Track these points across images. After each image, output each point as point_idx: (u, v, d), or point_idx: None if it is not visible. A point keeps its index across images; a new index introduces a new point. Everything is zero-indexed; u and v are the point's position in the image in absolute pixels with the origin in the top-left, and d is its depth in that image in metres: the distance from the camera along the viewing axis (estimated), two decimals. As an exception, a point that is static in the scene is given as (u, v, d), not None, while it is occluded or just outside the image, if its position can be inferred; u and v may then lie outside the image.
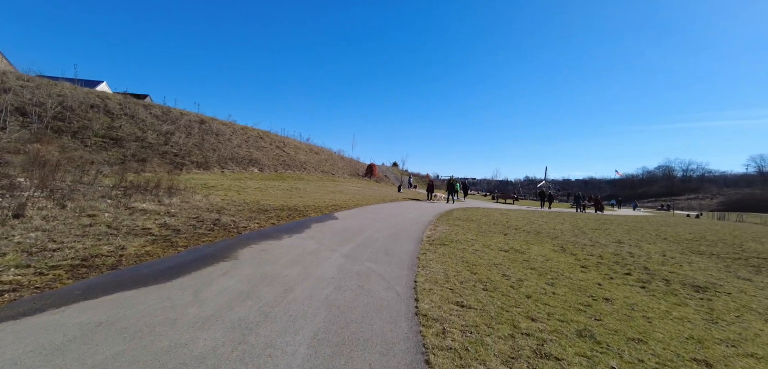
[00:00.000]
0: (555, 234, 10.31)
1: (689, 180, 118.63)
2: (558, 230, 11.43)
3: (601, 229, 13.27)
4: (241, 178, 17.30)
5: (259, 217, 7.91)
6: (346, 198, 15.83)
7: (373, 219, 9.67)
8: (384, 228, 8.04)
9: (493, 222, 12.15)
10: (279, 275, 3.81)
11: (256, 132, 27.07)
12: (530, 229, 11.05)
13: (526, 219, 14.72)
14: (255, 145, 24.27)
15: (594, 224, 15.21)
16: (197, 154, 18.02)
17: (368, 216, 10.29)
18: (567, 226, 13.27)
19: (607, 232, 12.38)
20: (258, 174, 19.76)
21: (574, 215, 20.67)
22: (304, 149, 30.53)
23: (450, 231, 8.60)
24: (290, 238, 5.93)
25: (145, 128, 17.25)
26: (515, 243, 7.73)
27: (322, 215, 9.68)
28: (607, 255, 7.44)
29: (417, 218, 10.88)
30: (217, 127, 22.73)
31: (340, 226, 7.72)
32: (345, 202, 14.14)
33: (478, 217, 13.31)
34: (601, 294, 4.22)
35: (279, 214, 8.83)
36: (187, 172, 15.47)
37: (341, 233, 6.81)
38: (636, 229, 14.46)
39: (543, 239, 8.85)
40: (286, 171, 23.10)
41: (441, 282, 4.01)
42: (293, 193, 15.07)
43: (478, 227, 10.16)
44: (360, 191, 21.21)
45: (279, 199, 12.29)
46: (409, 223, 9.57)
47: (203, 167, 16.99)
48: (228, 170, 18.27)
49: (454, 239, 7.28)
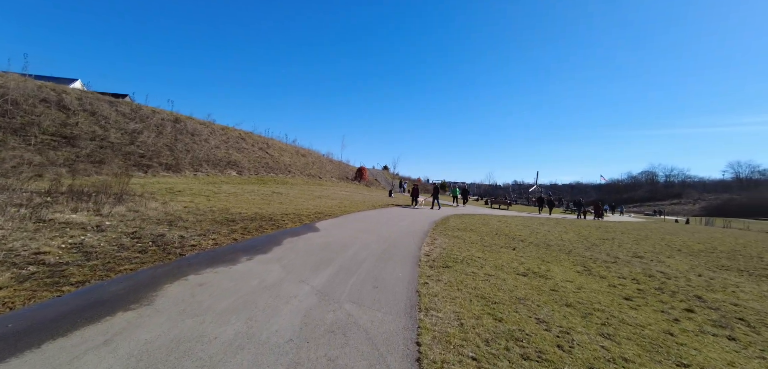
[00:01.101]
0: (566, 247, 9.15)
1: (672, 185, 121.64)
2: (567, 241, 10.30)
3: (608, 239, 12.25)
4: (216, 182, 15.65)
5: (220, 231, 6.43)
6: (331, 204, 14.40)
7: (361, 230, 8.30)
8: (373, 242, 6.67)
9: (494, 232, 10.94)
10: (202, 339, 2.40)
11: (238, 133, 25.34)
12: (537, 240, 9.87)
13: (527, 227, 13.59)
14: (235, 147, 22.57)
15: (598, 233, 14.22)
16: (167, 155, 16.27)
17: (355, 226, 8.91)
18: (572, 236, 12.18)
19: (618, 243, 11.33)
20: (236, 177, 18.11)
21: (574, 222, 19.76)
22: (289, 151, 28.91)
23: (451, 245, 7.30)
24: (249, 263, 4.50)
25: (108, 126, 15.42)
26: (530, 261, 6.48)
27: (301, 226, 8.24)
28: (640, 276, 6.27)
29: (411, 228, 9.57)
30: (193, 127, 20.96)
31: (320, 242, 6.31)
32: (330, 208, 12.71)
33: (476, 226, 12.09)
34: (690, 358, 2.94)
35: (247, 225, 7.35)
36: (152, 174, 13.75)
37: (319, 252, 5.41)
38: (643, 239, 13.52)
39: (557, 255, 7.65)
40: (269, 174, 21.48)
41: (456, 342, 2.67)
42: (272, 198, 13.55)
43: (480, 239, 8.90)
44: (348, 196, 19.78)
45: (254, 205, 10.78)
46: (402, 234, 8.24)
47: (173, 170, 15.27)
48: (202, 173, 16.58)
49: (458, 258, 5.97)
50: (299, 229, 7.78)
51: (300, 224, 8.51)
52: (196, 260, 4.37)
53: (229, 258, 4.63)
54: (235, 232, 6.52)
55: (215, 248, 5.17)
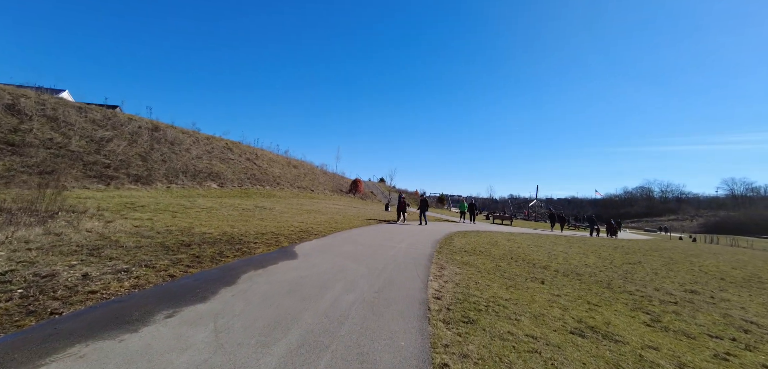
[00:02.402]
0: (598, 276, 7.61)
1: (667, 201, 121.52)
2: (594, 268, 8.78)
3: (635, 263, 10.75)
4: (191, 196, 13.97)
5: (159, 262, 4.79)
6: (321, 220, 12.78)
7: (349, 255, 6.69)
8: (363, 278, 5.07)
9: (508, 254, 9.38)
10: None
11: (224, 142, 23.78)
12: (561, 267, 8.33)
13: (541, 247, 12.06)
14: (220, 157, 20.96)
15: (620, 255, 12.72)
16: (139, 165, 14.61)
17: (343, 249, 7.30)
18: (595, 260, 10.67)
19: (652, 269, 9.82)
20: (216, 190, 16.43)
21: (587, 240, 18.28)
22: (279, 162, 27.33)
23: (464, 278, 5.72)
24: (160, 328, 2.86)
25: (71, 134, 13.79)
26: (573, 304, 4.91)
27: (276, 250, 6.62)
28: (726, 329, 4.73)
29: (411, 251, 7.97)
30: (173, 136, 19.37)
31: (291, 278, 4.69)
32: (318, 225, 11.09)
33: (485, 246, 10.53)
34: None
35: (203, 251, 5.71)
36: (116, 187, 12.06)
37: (283, 299, 3.80)
38: (671, 262, 12.04)
39: (600, 292, 6.10)
40: (255, 186, 19.82)
41: None
42: (253, 214, 11.89)
43: (496, 266, 7.34)
44: (341, 210, 18.16)
45: (227, 223, 9.14)
46: (401, 262, 6.63)
47: (143, 182, 13.59)
48: (177, 185, 14.90)
49: (479, 302, 4.39)
50: (271, 255, 6.15)
51: (275, 248, 6.88)
52: (71, 325, 2.73)
53: (134, 316, 2.99)
54: (180, 263, 4.87)
55: (130, 293, 3.53)
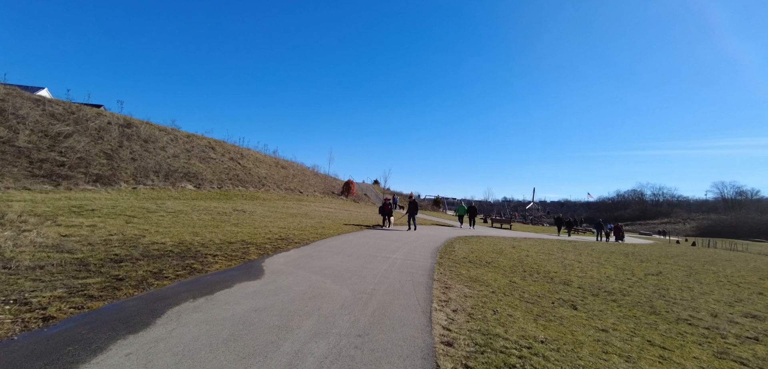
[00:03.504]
0: (632, 294, 6.42)
1: (659, 204, 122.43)
2: (620, 283, 7.61)
3: (656, 273, 9.63)
4: (160, 198, 12.47)
5: (42, 295, 3.39)
6: (306, 224, 11.41)
7: (331, 272, 5.35)
8: (343, 309, 3.75)
9: (520, 266, 8.15)
10: None
11: (206, 141, 22.22)
12: (584, 282, 7.12)
13: (552, 257, 10.87)
14: (200, 156, 19.42)
15: (638, 264, 11.62)
16: (103, 164, 13.06)
17: (325, 262, 5.95)
18: (612, 270, 9.51)
19: (683, 283, 8.67)
20: (191, 192, 14.92)
21: (596, 246, 17.21)
22: (267, 163, 25.82)
23: (478, 304, 4.44)
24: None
25: (20, 127, 12.19)
26: (633, 348, 3.66)
27: (236, 267, 5.25)
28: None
29: (407, 263, 6.66)
30: (147, 133, 17.79)
31: (241, 312, 3.34)
32: (302, 231, 9.72)
33: (492, 256, 9.29)
34: None
35: (130, 273, 4.31)
36: (67, 188, 10.52)
37: (212, 356, 2.46)
38: (693, 271, 10.95)
39: (647, 318, 4.87)
40: (237, 188, 18.32)
41: None
42: (228, 218, 10.48)
43: (510, 283, 6.08)
44: (331, 213, 16.78)
45: (190, 230, 7.73)
46: (395, 281, 5.32)
47: (104, 182, 12.05)
48: (146, 186, 13.37)
49: (508, 350, 3.10)
50: (228, 273, 4.78)
51: (238, 263, 5.50)
52: None
53: None
54: (84, 292, 3.48)
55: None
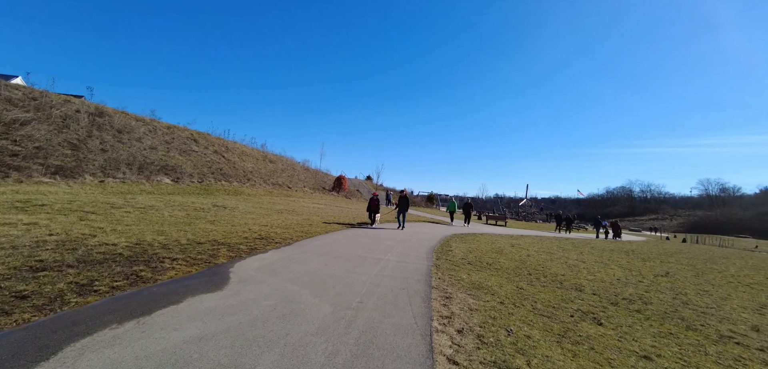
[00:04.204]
0: (653, 301, 5.77)
1: (647, 201, 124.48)
2: (635, 287, 6.97)
3: (663, 274, 9.06)
4: (131, 192, 11.39)
5: None
6: (292, 222, 10.52)
7: (310, 280, 4.52)
8: (319, 334, 2.93)
9: (524, 268, 7.44)
10: None
11: (188, 132, 20.99)
12: (597, 287, 6.44)
13: (552, 255, 10.23)
14: (180, 148, 18.24)
15: (641, 263, 11.08)
16: (66, 155, 11.88)
17: (306, 267, 5.11)
18: (620, 272, 8.89)
19: (701, 289, 8.10)
20: (169, 186, 13.82)
21: (595, 243, 16.72)
22: (254, 157, 24.68)
23: (486, 320, 3.68)
24: None
25: (-28, 111, 10.93)
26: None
27: (199, 272, 4.38)
28: None
29: (400, 267, 5.86)
30: (122, 122, 16.54)
31: (179, 342, 2.48)
32: (286, 229, 8.82)
33: (492, 256, 8.57)
34: None
35: (46, 286, 3.38)
36: (18, 181, 9.40)
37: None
38: (699, 271, 10.45)
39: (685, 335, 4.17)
40: (220, 182, 17.23)
41: None
42: (205, 215, 9.52)
43: (518, 290, 5.35)
44: (320, 210, 15.88)
45: (154, 229, 6.78)
46: (386, 290, 4.51)
47: (66, 174, 10.91)
48: (116, 179, 12.25)
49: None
50: (182, 284, 3.90)
51: (200, 269, 4.62)
52: None
53: None
54: None
55: None
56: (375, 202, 12.44)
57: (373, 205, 12.40)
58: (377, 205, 12.50)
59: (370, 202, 12.64)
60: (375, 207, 12.37)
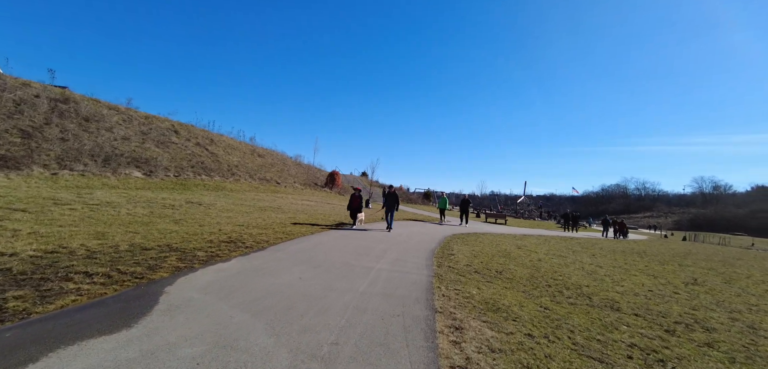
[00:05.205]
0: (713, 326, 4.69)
1: (643, 199, 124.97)
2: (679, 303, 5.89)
3: (691, 282, 8.04)
4: (89, 187, 10.03)
5: None
6: (274, 221, 9.28)
7: (273, 303, 3.31)
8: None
9: (541, 277, 6.30)
10: None
11: (169, 123, 19.53)
12: (634, 304, 5.35)
13: (564, 259, 9.14)
14: (158, 140, 16.81)
15: (660, 267, 10.06)
16: (14, 143, 10.50)
17: (274, 280, 3.89)
18: (649, 280, 7.84)
19: (749, 303, 7.06)
20: (138, 180, 12.45)
21: (604, 244, 15.72)
22: (241, 150, 23.28)
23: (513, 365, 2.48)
24: None
25: None
26: None
27: (115, 295, 3.13)
28: None
29: (393, 281, 4.68)
30: (90, 110, 15.07)
31: None
32: (264, 230, 7.57)
33: (500, 261, 7.43)
34: None
35: None
36: (-52, 170, 8.00)
37: None
38: (729, 278, 9.46)
39: None
40: (200, 177, 15.87)
41: None
42: (173, 213, 8.26)
43: (544, 313, 4.22)
44: (309, 208, 14.63)
45: (96, 230, 5.52)
46: (374, 317, 3.34)
47: (9, 165, 9.54)
48: (75, 172, 10.87)
49: None
50: (71, 318, 2.66)
51: (121, 289, 3.38)
52: None
53: None
54: None
55: None
56: (357, 200, 10.51)
57: (354, 202, 10.47)
58: (360, 203, 10.58)
59: (351, 199, 10.65)
60: (357, 205, 10.47)
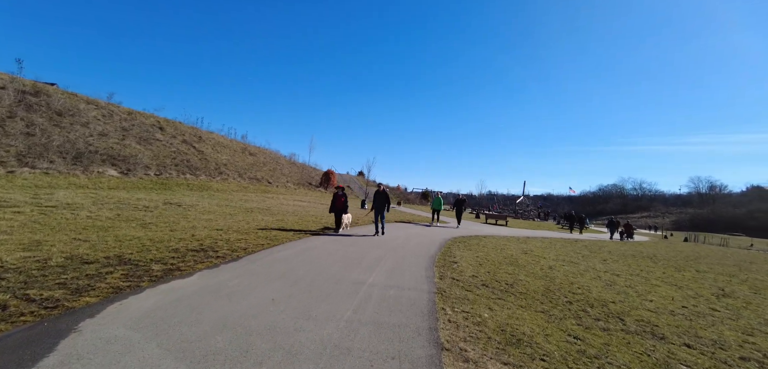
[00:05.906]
0: None
1: (640, 199, 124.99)
2: (721, 320, 5.11)
3: (720, 294, 7.27)
4: (52, 185, 9.08)
5: None
6: (259, 224, 8.39)
7: (225, 343, 2.42)
8: None
9: (556, 288, 5.47)
10: None
11: (154, 119, 18.53)
12: (675, 327, 4.56)
13: (577, 266, 8.34)
14: (140, 137, 15.81)
15: (679, 274, 9.31)
16: (-25, 137, 9.47)
17: (240, 304, 3.01)
18: (674, 292, 7.07)
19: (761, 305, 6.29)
20: (113, 179, 11.48)
21: (613, 247, 14.96)
22: (231, 148, 22.30)
23: None
24: None
25: None
26: None
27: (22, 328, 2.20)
28: None
29: (388, 299, 3.82)
30: (63, 104, 14.05)
31: None
32: (245, 234, 6.66)
33: (508, 270, 6.59)
34: None
35: None
36: None
37: None
38: (757, 287, 8.71)
39: None
40: (184, 176, 14.90)
41: None
42: (143, 216, 7.36)
43: (571, 344, 3.40)
44: (300, 209, 13.74)
45: (33, 238, 4.61)
46: (363, 363, 2.44)
47: (-34, 161, 8.53)
48: (38, 170, 9.89)
49: None
50: None
51: (26, 322, 2.46)
52: None
53: None
54: None
55: None
56: (341, 200, 9.08)
57: (338, 203, 9.05)
58: (345, 204, 9.15)
59: (334, 199, 9.13)
60: (341, 206, 9.06)
